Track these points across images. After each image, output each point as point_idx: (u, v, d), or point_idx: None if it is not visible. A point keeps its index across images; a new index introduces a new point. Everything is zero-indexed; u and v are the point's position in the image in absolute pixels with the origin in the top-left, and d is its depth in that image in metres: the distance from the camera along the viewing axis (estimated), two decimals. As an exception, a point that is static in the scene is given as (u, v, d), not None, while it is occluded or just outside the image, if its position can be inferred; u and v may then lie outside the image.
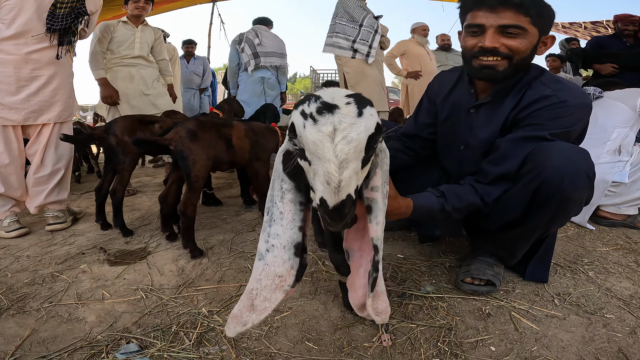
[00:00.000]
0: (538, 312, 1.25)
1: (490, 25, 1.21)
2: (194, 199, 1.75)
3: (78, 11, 2.06)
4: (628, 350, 1.05)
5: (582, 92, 1.25)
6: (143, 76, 3.08)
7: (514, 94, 1.29)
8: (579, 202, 1.20)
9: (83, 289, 1.44)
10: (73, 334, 1.16)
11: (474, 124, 1.39)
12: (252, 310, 0.76)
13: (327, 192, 0.62)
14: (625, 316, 1.22)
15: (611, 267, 1.59)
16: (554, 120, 1.21)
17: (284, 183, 0.73)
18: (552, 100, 1.21)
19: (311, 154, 0.63)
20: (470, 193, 1.25)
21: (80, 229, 2.16)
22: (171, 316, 1.25)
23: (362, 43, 3.39)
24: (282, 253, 0.73)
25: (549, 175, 1.14)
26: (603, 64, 3.50)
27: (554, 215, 1.21)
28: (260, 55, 3.75)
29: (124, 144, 2.00)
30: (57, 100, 2.10)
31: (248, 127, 2.10)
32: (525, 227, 1.26)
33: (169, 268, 1.62)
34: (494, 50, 1.22)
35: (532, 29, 1.22)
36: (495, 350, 1.07)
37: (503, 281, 1.44)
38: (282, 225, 0.74)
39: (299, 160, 0.68)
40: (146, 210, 2.57)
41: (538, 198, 1.18)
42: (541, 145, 1.18)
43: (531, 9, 1.18)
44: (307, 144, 0.62)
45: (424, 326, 1.18)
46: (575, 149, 1.18)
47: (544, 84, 1.25)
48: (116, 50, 2.99)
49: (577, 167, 1.13)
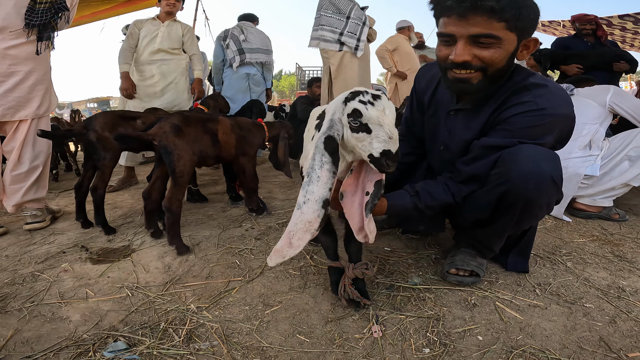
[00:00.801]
0: (521, 302, 1.29)
1: (461, 35, 1.12)
2: (179, 195, 1.72)
3: (58, 6, 2.00)
4: (609, 339, 1.09)
5: (565, 100, 1.20)
6: (163, 72, 3.08)
7: (494, 99, 1.25)
8: (546, 204, 1.22)
9: (65, 288, 1.41)
10: (57, 333, 1.13)
11: (452, 127, 1.38)
12: (289, 247, 0.98)
13: (390, 144, 0.93)
14: (604, 305, 1.27)
15: (588, 258, 1.66)
16: (526, 128, 1.17)
17: (324, 157, 0.97)
18: (529, 107, 1.16)
19: (373, 124, 0.94)
20: (442, 191, 1.28)
21: (60, 228, 2.10)
22: (159, 313, 1.23)
23: (349, 36, 3.26)
24: (314, 205, 0.96)
25: (515, 181, 1.14)
26: (569, 65, 3.63)
27: (521, 217, 1.23)
28: (245, 52, 3.72)
29: (104, 140, 1.96)
30: (34, 96, 2.03)
31: (234, 123, 2.08)
32: (495, 226, 1.30)
33: (155, 265, 1.60)
34: (465, 64, 1.15)
35: (509, 35, 1.12)
36: (482, 339, 1.10)
37: (486, 272, 1.49)
38: (318, 186, 0.96)
39: (357, 133, 0.95)
40: (129, 207, 2.52)
41: (504, 201, 1.20)
42: (511, 150, 1.17)
43: (506, 13, 1.07)
44: (370, 118, 0.93)
45: (412, 317, 1.21)
46: (544, 153, 1.16)
47: (527, 89, 1.19)
48: (140, 44, 3.06)
49: (542, 172, 1.13)
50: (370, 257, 1.65)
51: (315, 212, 0.96)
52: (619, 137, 2.22)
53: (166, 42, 3.07)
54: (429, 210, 1.28)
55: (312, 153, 0.99)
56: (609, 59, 3.50)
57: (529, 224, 1.34)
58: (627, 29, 6.28)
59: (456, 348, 1.06)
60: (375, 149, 0.93)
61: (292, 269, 1.54)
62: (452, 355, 1.03)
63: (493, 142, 1.21)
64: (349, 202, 1.08)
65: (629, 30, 6.31)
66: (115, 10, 4.76)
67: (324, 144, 0.97)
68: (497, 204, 1.22)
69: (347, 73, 3.30)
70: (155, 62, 3.07)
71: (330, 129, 0.98)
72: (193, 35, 3.26)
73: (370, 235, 1.08)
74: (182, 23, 3.23)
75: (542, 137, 1.18)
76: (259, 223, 2.12)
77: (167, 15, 3.12)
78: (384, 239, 1.87)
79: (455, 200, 1.28)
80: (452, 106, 1.37)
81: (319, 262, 1.58)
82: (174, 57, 3.13)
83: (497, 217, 1.26)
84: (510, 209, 1.21)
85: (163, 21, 3.12)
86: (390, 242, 1.82)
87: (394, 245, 1.77)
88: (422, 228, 1.58)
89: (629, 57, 3.56)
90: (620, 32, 6.53)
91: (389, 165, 0.94)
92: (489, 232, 1.35)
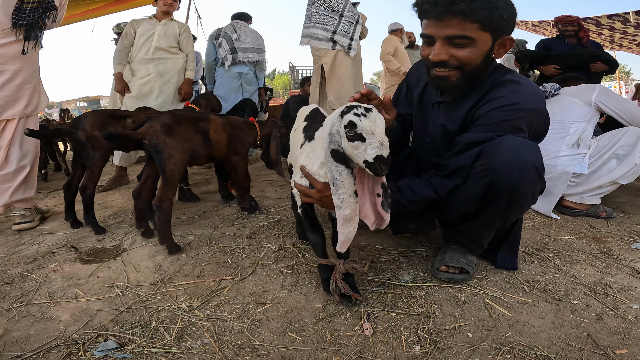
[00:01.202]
0: (510, 299, 1.31)
1: (438, 36, 1.22)
2: (169, 194, 1.71)
3: (46, 6, 1.98)
4: (596, 336, 1.11)
5: (537, 95, 1.27)
6: (160, 71, 3.09)
7: (474, 94, 1.33)
8: (530, 193, 1.25)
9: (55, 288, 1.39)
10: (47, 333, 1.12)
11: (436, 118, 1.48)
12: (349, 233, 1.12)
13: (382, 150, 1.02)
14: (591, 302, 1.29)
15: (576, 255, 1.68)
16: (501, 122, 1.24)
17: (339, 167, 1.08)
18: (503, 102, 1.25)
19: (367, 133, 1.03)
20: (424, 187, 1.33)
21: (49, 228, 2.08)
22: (150, 312, 1.23)
23: (342, 35, 3.11)
24: (350, 199, 1.08)
25: (499, 171, 1.19)
26: (546, 66, 3.68)
27: (507, 208, 1.27)
28: (237, 51, 3.70)
29: (93, 139, 1.94)
30: (22, 95, 2.01)
31: (226, 121, 2.08)
32: (482, 219, 1.33)
33: (146, 265, 1.59)
34: (443, 62, 1.25)
35: (482, 35, 1.20)
36: (472, 336, 1.11)
37: (476, 269, 1.50)
38: (345, 187, 1.08)
39: (353, 142, 1.04)
40: (119, 207, 2.50)
41: (490, 192, 1.24)
42: (493, 141, 1.22)
43: (478, 14, 1.15)
44: (364, 128, 1.03)
45: (403, 314, 1.22)
46: (524, 143, 1.21)
47: (503, 84, 1.28)
48: (137, 43, 3.08)
49: (525, 161, 1.18)
50: (362, 255, 1.66)
51: (353, 203, 1.09)
52: (606, 136, 2.25)
53: (163, 41, 3.07)
54: (413, 206, 1.34)
55: (327, 169, 1.13)
56: (585, 59, 3.55)
57: (515, 215, 1.36)
58: (616, 29, 6.38)
59: (446, 345, 1.07)
60: (369, 155, 1.03)
61: (283, 268, 1.54)
62: (442, 352, 1.04)
63: (473, 137, 1.27)
64: (360, 204, 1.15)
65: (617, 30, 6.40)
66: (106, 9, 4.72)
67: (333, 157, 1.09)
68: (483, 195, 1.26)
69: (342, 72, 3.20)
70: (152, 61, 3.07)
71: (332, 143, 1.09)
72: (189, 34, 3.26)
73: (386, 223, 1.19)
74: (178, 22, 3.24)
75: (517, 131, 1.25)
76: (251, 222, 2.12)
77: (164, 14, 3.14)
78: (375, 237, 1.88)
79: (439, 195, 1.32)
80: (436, 99, 1.48)
81: (310, 261, 1.59)
82: (172, 55, 3.13)
83: (484, 209, 1.30)
84: (496, 199, 1.24)
85: (160, 20, 3.13)
86: (382, 240, 1.83)
87: (385, 243, 1.78)
88: (412, 227, 1.60)
89: (606, 57, 3.61)
90: (609, 32, 6.62)
91: (382, 168, 1.02)
92: (477, 226, 1.38)
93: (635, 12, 5.55)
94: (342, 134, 1.07)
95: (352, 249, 1.72)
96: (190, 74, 3.22)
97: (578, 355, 1.02)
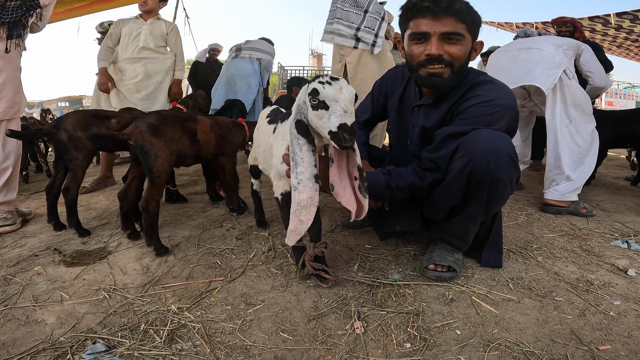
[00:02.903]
0: (496, 296, 1.34)
1: (434, 32, 1.32)
2: (156, 195, 1.69)
3: (30, 4, 1.93)
4: (579, 332, 1.14)
5: (509, 94, 1.40)
6: (148, 71, 3.04)
7: (452, 95, 1.43)
8: (508, 181, 1.33)
9: (39, 291, 1.36)
10: (33, 336, 1.10)
11: (416, 121, 1.56)
12: (301, 223, 1.09)
13: (345, 117, 1.01)
14: (573, 299, 1.33)
15: (558, 252, 1.73)
16: (479, 117, 1.34)
17: (300, 140, 1.07)
18: (480, 99, 1.35)
19: (330, 100, 1.02)
20: (411, 174, 1.41)
21: (32, 231, 2.03)
22: (138, 315, 1.21)
23: (366, 31, 2.86)
24: (308, 182, 1.07)
25: (477, 160, 1.27)
26: None
27: (489, 197, 1.34)
28: (242, 49, 3.85)
29: (76, 140, 1.90)
30: (3, 96, 1.96)
31: (214, 122, 2.06)
32: (467, 212, 1.40)
33: (133, 267, 1.57)
34: (439, 57, 1.34)
35: (468, 35, 1.35)
36: (461, 333, 1.14)
37: (462, 268, 1.53)
38: (304, 166, 1.06)
39: (317, 110, 1.04)
40: (103, 209, 2.45)
41: (472, 182, 1.31)
42: (470, 134, 1.31)
43: (467, 16, 1.30)
44: (327, 95, 1.02)
45: (393, 312, 1.23)
46: (497, 134, 1.31)
47: (479, 84, 1.39)
48: (123, 43, 3.05)
49: (499, 150, 1.27)
50: (351, 254, 1.67)
51: (312, 188, 1.07)
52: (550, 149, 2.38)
53: (150, 40, 3.03)
54: (399, 192, 1.40)
55: (289, 139, 1.10)
56: None
57: (497, 205, 1.42)
58: (623, 28, 6.21)
59: (436, 342, 1.09)
60: (332, 123, 1.01)
61: (273, 268, 1.54)
62: (432, 350, 1.06)
63: (452, 130, 1.36)
64: (341, 191, 1.16)
65: (624, 29, 6.28)
66: (90, 7, 4.63)
67: (296, 128, 1.08)
68: (466, 187, 1.33)
69: (365, 73, 2.94)
70: (140, 60, 3.03)
71: (298, 114, 1.09)
72: (177, 34, 3.22)
73: (365, 210, 1.19)
74: (166, 21, 3.20)
75: (494, 124, 1.34)
76: (239, 223, 2.11)
77: (146, 14, 3.10)
78: (364, 236, 1.89)
79: (422, 186, 1.41)
80: (415, 102, 1.56)
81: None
82: (160, 55, 3.10)
83: (468, 202, 1.37)
84: (477, 189, 1.32)
85: (146, 20, 3.09)
86: (371, 239, 1.85)
87: (374, 243, 1.80)
88: (398, 228, 1.62)
89: (600, 57, 3.70)
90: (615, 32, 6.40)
91: (347, 139, 1.01)
92: (463, 219, 1.44)
93: (616, 14, 5.61)
94: (308, 104, 1.06)
95: (342, 249, 1.73)
96: (179, 74, 3.19)
97: (563, 351, 1.05)
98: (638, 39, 6.66)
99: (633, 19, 5.66)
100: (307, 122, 1.09)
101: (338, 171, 1.16)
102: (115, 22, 3.13)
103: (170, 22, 3.25)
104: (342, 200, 1.15)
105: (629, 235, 1.97)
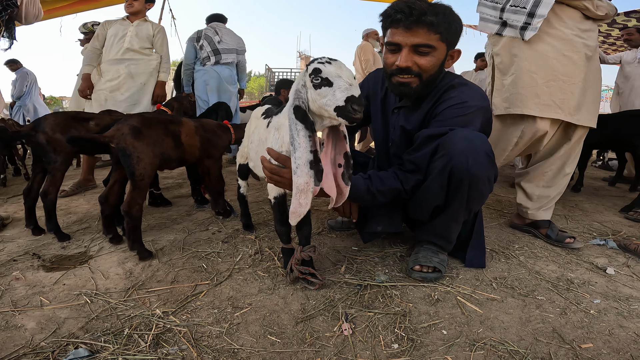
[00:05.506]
0: (480, 296, 1.36)
1: (405, 44, 1.35)
2: (139, 199, 1.66)
3: (7, 3, 1.88)
4: (561, 330, 1.17)
5: (482, 95, 1.45)
6: (132, 72, 2.99)
7: (430, 97, 1.48)
8: (486, 178, 1.37)
9: (18, 296, 1.32)
10: (13, 341, 1.06)
11: (396, 123, 1.59)
12: (300, 206, 1.10)
13: (351, 89, 1.01)
14: (554, 297, 1.36)
15: (538, 252, 1.77)
16: (454, 118, 1.39)
17: (298, 125, 1.07)
18: (455, 101, 1.40)
19: (333, 77, 1.02)
20: (391, 178, 1.43)
21: (9, 235, 1.96)
22: (122, 319, 1.19)
23: (513, 11, 1.91)
24: (304, 168, 1.07)
25: (457, 158, 1.31)
26: None
27: (470, 195, 1.38)
28: (221, 52, 3.74)
29: (55, 142, 1.84)
30: None
31: (198, 124, 2.04)
32: (450, 210, 1.44)
33: (115, 271, 1.53)
34: (407, 69, 1.37)
35: (441, 45, 1.37)
36: (447, 333, 1.15)
37: (447, 268, 1.55)
38: (300, 151, 1.06)
39: (320, 89, 1.04)
40: (84, 213, 2.39)
41: (452, 181, 1.36)
42: (448, 134, 1.35)
43: (441, 26, 1.32)
44: (329, 72, 1.03)
45: (380, 314, 1.24)
46: (475, 134, 1.35)
47: (454, 87, 1.43)
48: (107, 44, 3.00)
49: (476, 148, 1.32)
50: (339, 256, 1.68)
51: (307, 173, 1.07)
52: None
53: (135, 42, 2.99)
54: (380, 196, 1.42)
55: (287, 125, 1.11)
56: None
57: (477, 202, 1.45)
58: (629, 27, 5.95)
59: (423, 343, 1.10)
60: (339, 98, 1.02)
61: (260, 271, 1.53)
62: (419, 350, 1.07)
63: (430, 132, 1.40)
64: (324, 177, 1.16)
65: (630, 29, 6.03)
66: (73, 7, 4.53)
67: (294, 114, 1.08)
68: (447, 187, 1.37)
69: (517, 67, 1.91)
70: (123, 62, 2.98)
71: (297, 99, 1.08)
72: (164, 36, 3.18)
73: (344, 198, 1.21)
74: (153, 22, 3.16)
75: (469, 124, 1.39)
76: (225, 226, 2.09)
77: (133, 15, 3.06)
78: (351, 238, 1.90)
79: (404, 188, 1.44)
80: (395, 105, 1.60)
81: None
82: (144, 57, 3.05)
83: (449, 200, 1.41)
84: (458, 187, 1.36)
85: (132, 21, 3.05)
86: (357, 241, 1.85)
87: (360, 245, 1.81)
88: (380, 229, 1.63)
89: None
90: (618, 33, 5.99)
91: (355, 110, 1.01)
92: (446, 219, 1.47)
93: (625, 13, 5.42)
94: (308, 85, 1.07)
95: (329, 251, 1.73)
96: (164, 76, 3.15)
97: (546, 349, 1.07)
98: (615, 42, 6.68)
99: None
100: (307, 107, 1.09)
101: (324, 157, 1.17)
102: (101, 23, 3.08)
103: (157, 23, 3.22)
104: (324, 186, 1.17)
105: (607, 234, 2.03)
